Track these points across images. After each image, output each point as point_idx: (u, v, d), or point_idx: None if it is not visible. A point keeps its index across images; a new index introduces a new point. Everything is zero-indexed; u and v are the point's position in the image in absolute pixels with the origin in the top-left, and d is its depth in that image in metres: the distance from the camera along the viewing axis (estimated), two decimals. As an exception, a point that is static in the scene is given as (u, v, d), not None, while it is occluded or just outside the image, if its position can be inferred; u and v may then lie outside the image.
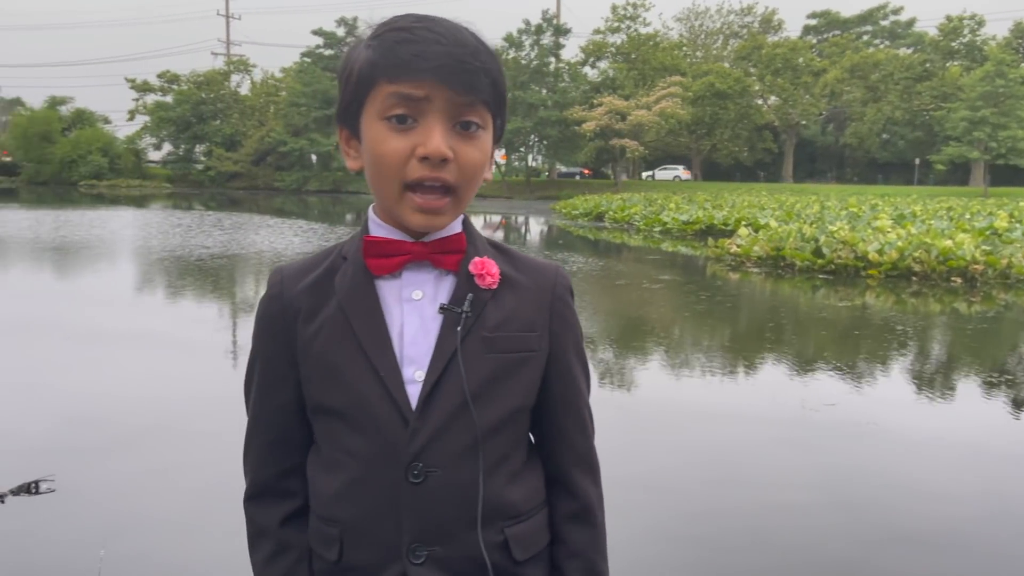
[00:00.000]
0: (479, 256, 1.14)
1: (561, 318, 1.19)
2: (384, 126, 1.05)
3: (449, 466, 1.09)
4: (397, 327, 1.11)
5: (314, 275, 1.16)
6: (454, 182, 1.07)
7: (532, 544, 1.17)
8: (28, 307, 9.73)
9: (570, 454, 1.21)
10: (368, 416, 1.09)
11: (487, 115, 1.09)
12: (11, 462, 4.32)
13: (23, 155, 58.82)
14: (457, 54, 1.03)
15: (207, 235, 19.16)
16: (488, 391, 1.10)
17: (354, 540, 1.11)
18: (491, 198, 47.06)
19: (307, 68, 57.84)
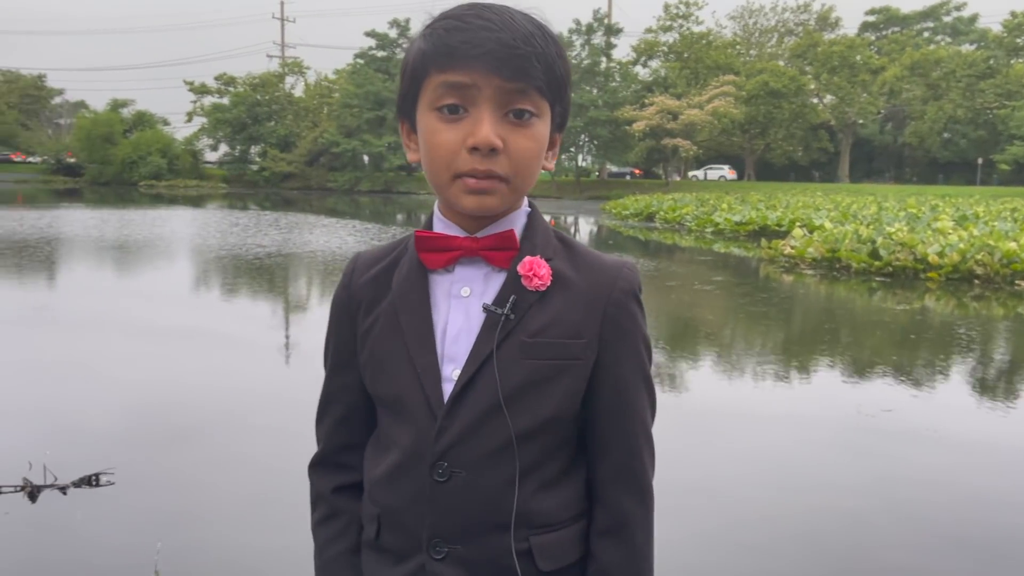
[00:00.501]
0: (534, 254, 1.09)
1: (615, 325, 1.10)
2: (435, 116, 1.05)
3: (474, 469, 1.07)
4: (442, 324, 1.10)
5: (379, 267, 1.18)
6: (505, 173, 1.05)
7: (560, 556, 1.12)
8: (94, 303, 10.02)
9: (610, 468, 1.14)
10: (406, 410, 1.10)
11: (542, 102, 1.06)
12: (73, 455, 4.44)
13: (86, 156, 60.55)
14: (506, 40, 1.01)
15: (264, 234, 19.50)
16: (521, 397, 1.06)
17: (388, 524, 1.14)
18: (541, 198, 47.04)
19: (360, 70, 58.49)
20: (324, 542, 1.23)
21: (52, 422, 5.18)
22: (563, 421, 1.11)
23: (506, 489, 1.07)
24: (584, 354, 1.09)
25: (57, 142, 68.90)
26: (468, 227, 1.11)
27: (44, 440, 4.72)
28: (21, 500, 3.96)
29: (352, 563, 1.21)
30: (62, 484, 4.09)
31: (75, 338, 7.79)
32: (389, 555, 1.15)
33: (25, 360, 6.91)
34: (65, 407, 5.53)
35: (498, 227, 1.11)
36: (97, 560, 3.44)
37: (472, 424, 1.07)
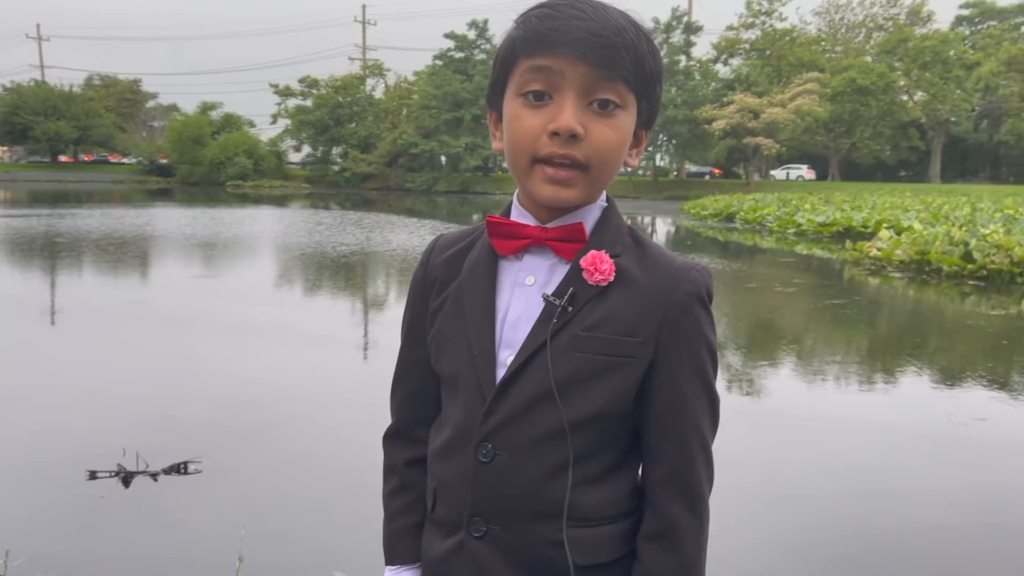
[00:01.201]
0: (600, 249, 1.09)
1: (675, 327, 1.08)
2: (521, 102, 1.06)
3: (516, 453, 1.09)
4: (504, 309, 1.12)
5: (456, 248, 1.21)
6: (584, 159, 1.05)
7: (596, 552, 1.11)
8: (186, 299, 10.40)
9: (658, 471, 1.12)
10: (460, 390, 1.14)
11: (627, 94, 1.06)
12: (164, 443, 4.62)
13: (177, 157, 62.88)
14: (596, 29, 1.02)
15: (348, 233, 19.90)
16: (569, 390, 1.07)
17: (441, 498, 1.18)
18: (618, 197, 45.78)
19: (438, 71, 59.14)
20: (393, 513, 1.28)
21: (145, 411, 5.40)
22: (611, 418, 1.10)
23: (546, 478, 1.08)
24: (638, 353, 1.08)
25: (150, 144, 71.84)
26: (541, 217, 1.12)
27: (137, 428, 4.92)
28: (116, 485, 4.14)
29: (416, 539, 1.25)
30: (153, 471, 4.26)
31: (168, 332, 8.10)
32: (441, 528, 1.19)
33: (121, 352, 7.22)
34: (157, 397, 5.75)
35: (569, 219, 1.11)
36: (184, 545, 3.57)
37: (518, 410, 1.08)
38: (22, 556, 3.14)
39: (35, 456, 4.54)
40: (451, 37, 60.98)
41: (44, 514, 3.82)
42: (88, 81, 79.18)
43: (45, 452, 4.60)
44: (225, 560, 3.24)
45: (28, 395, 5.80)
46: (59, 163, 71.79)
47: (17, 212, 26.14)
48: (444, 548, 1.17)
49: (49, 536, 3.57)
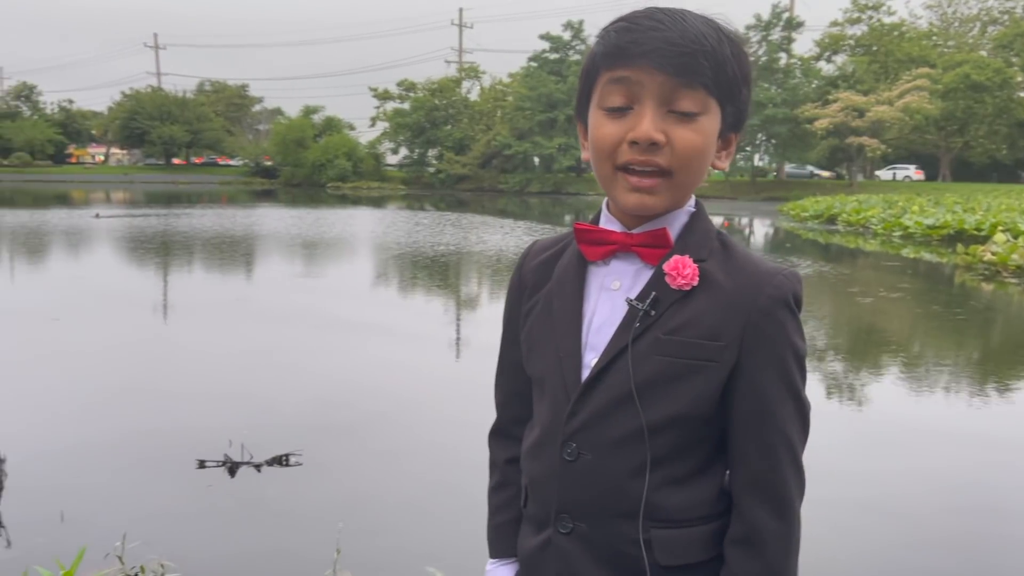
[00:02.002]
0: (684, 254, 1.10)
1: (758, 332, 1.08)
2: (602, 114, 1.09)
3: (599, 453, 1.11)
4: (590, 313, 1.15)
5: (548, 254, 1.25)
6: (667, 165, 1.07)
7: (681, 553, 1.11)
8: (290, 296, 10.78)
9: (744, 477, 1.12)
10: (547, 391, 1.18)
11: (709, 100, 1.07)
12: (267, 436, 4.80)
13: (281, 159, 65.14)
14: (673, 38, 1.04)
15: (447, 233, 20.21)
16: (650, 392, 1.09)
17: (532, 494, 1.22)
18: (714, 198, 45.83)
19: (533, 72, 59.34)
20: (494, 508, 1.34)
21: (250, 405, 5.63)
22: (693, 421, 1.10)
23: (628, 477, 1.10)
24: (720, 357, 1.08)
25: (256, 146, 74.59)
26: (628, 224, 1.15)
27: (242, 421, 5.14)
28: (222, 474, 4.33)
29: (514, 532, 1.29)
30: (257, 462, 4.44)
31: (271, 328, 8.41)
32: (532, 524, 1.22)
33: (228, 347, 7.54)
34: (261, 391, 5.99)
35: (653, 225, 1.13)
36: (284, 534, 3.70)
37: (601, 411, 1.11)
38: (137, 539, 3.32)
39: (149, 445, 4.80)
40: (546, 38, 61.07)
41: (157, 500, 4.03)
42: (200, 87, 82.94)
43: (158, 442, 4.85)
44: (322, 551, 3.35)
45: (143, 387, 6.13)
46: (172, 165, 75.48)
47: (137, 212, 27.62)
48: (535, 543, 1.20)
49: (161, 521, 3.76)
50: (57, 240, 17.70)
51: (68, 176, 64.62)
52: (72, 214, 26.23)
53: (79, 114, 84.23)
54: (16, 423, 4.88)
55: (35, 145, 72.03)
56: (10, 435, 4.39)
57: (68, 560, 2.46)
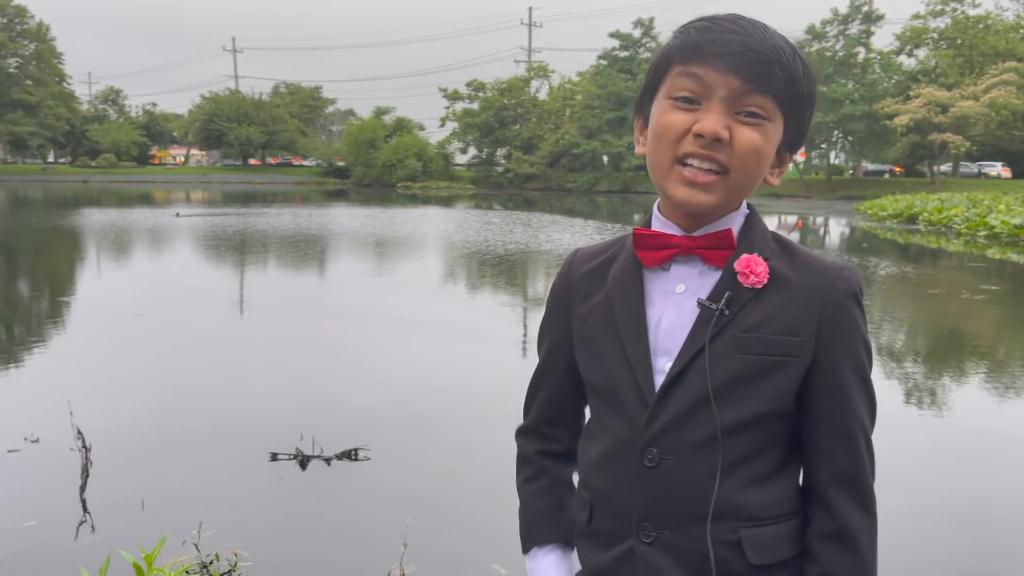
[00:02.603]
0: (750, 254, 1.11)
1: (833, 325, 1.10)
2: (670, 103, 1.09)
3: (682, 457, 1.10)
4: (656, 318, 1.15)
5: (597, 261, 1.24)
6: (727, 162, 1.07)
7: (771, 551, 1.11)
8: (361, 294, 10.98)
9: (828, 470, 1.12)
10: (618, 398, 1.16)
11: (776, 111, 1.08)
12: (337, 430, 4.90)
13: (353, 160, 66.43)
14: (752, 44, 1.05)
15: (519, 232, 20.29)
16: (731, 391, 1.09)
17: (601, 508, 1.19)
18: (788, 197, 44.88)
19: (602, 71, 59.07)
20: (528, 498, 1.32)
21: (320, 399, 5.76)
22: (774, 418, 1.11)
23: (712, 479, 1.09)
24: (799, 352, 1.09)
25: (329, 147, 76.22)
26: (685, 226, 1.14)
27: (313, 415, 5.25)
28: (294, 467, 4.44)
29: (556, 519, 1.28)
30: (327, 456, 4.53)
31: (343, 325, 8.57)
32: (600, 539, 1.19)
33: (300, 343, 7.72)
34: (332, 386, 6.11)
35: (715, 227, 1.13)
36: (353, 526, 3.77)
37: (681, 414, 1.10)
38: (212, 528, 3.43)
39: (225, 437, 4.95)
40: (616, 36, 60.71)
41: (232, 491, 4.15)
42: (275, 89, 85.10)
43: (233, 434, 5.00)
44: (390, 545, 3.40)
45: (220, 381, 6.33)
46: (248, 166, 77.69)
47: (215, 212, 28.50)
48: (609, 558, 1.17)
49: (235, 511, 3.88)
50: (141, 238, 18.39)
51: (151, 176, 67.15)
52: (154, 213, 27.22)
53: (161, 117, 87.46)
54: (101, 413, 5.09)
55: (120, 147, 75.07)
56: (95, 425, 4.58)
57: (149, 546, 2.56)
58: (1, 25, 65.93)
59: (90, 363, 6.80)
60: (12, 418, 5.13)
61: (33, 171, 69.41)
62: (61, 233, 19.73)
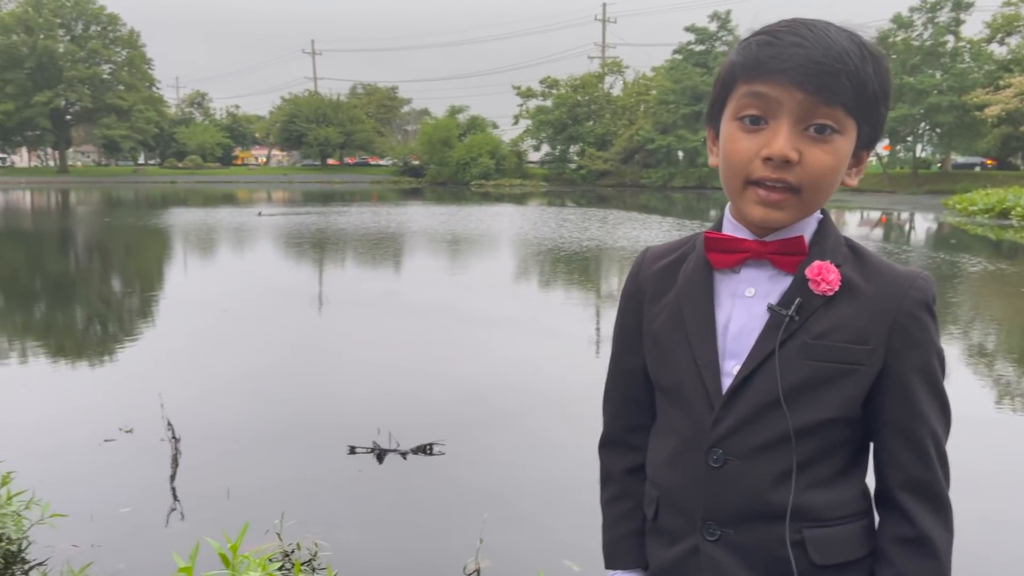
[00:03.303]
0: (823, 260, 1.11)
1: (904, 334, 1.10)
2: (736, 126, 1.09)
3: (746, 458, 1.12)
4: (724, 321, 1.15)
5: (667, 260, 1.25)
6: (796, 183, 1.07)
7: (836, 552, 1.12)
8: (439, 291, 11.12)
9: (900, 477, 1.13)
10: (685, 398, 1.18)
11: (846, 119, 1.06)
12: (413, 425, 4.98)
13: (427, 158, 67.29)
14: (815, 56, 1.03)
15: (597, 230, 20.23)
16: (798, 396, 1.09)
17: (666, 505, 1.22)
18: (870, 192, 43.49)
19: (678, 65, 58.30)
20: (612, 521, 1.34)
21: (396, 394, 5.86)
22: (841, 424, 1.12)
23: (776, 480, 1.11)
24: (868, 360, 1.09)
25: (404, 146, 77.35)
26: (757, 231, 1.15)
27: (389, 409, 5.36)
28: (371, 460, 4.54)
29: (638, 544, 1.30)
30: (403, 450, 4.62)
31: (419, 321, 8.70)
32: (665, 536, 1.22)
33: (377, 339, 7.87)
34: (407, 382, 6.22)
35: (788, 232, 1.13)
36: (428, 520, 3.84)
37: (748, 416, 1.12)
38: (293, 518, 3.54)
39: (305, 430, 5.09)
40: (691, 30, 59.83)
41: (312, 482, 4.27)
42: (352, 90, 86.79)
43: (313, 427, 5.14)
44: (464, 539, 3.45)
45: (300, 375, 6.51)
46: (327, 166, 79.48)
47: (296, 211, 29.24)
48: (673, 555, 1.20)
49: (316, 502, 3.99)
50: (225, 237, 19.02)
51: (234, 177, 69.27)
52: (238, 213, 28.10)
53: (244, 118, 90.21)
54: (188, 406, 5.30)
55: (206, 148, 77.78)
56: (183, 416, 4.77)
57: (234, 534, 2.66)
58: (95, 33, 68.97)
59: (178, 357, 7.08)
60: (108, 409, 5.38)
61: (125, 173, 72.48)
62: (151, 232, 20.56)
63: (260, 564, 2.61)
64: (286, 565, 3.20)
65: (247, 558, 2.62)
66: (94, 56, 67.81)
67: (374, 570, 3.36)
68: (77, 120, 72.74)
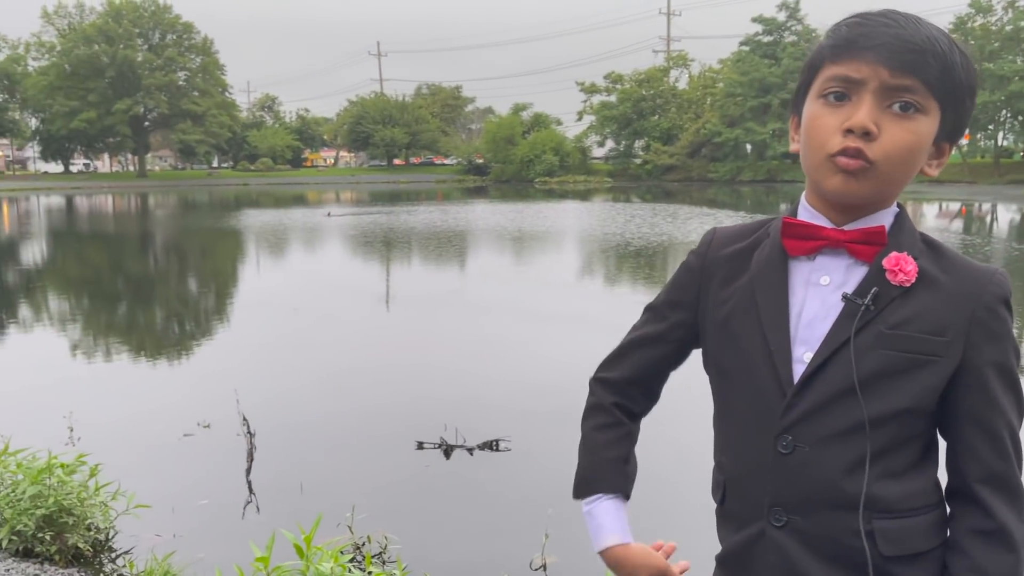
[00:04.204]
0: (900, 252, 1.11)
1: (983, 328, 1.10)
2: (821, 103, 1.10)
3: (817, 446, 1.12)
4: (798, 308, 1.15)
5: (740, 245, 1.25)
6: (873, 158, 1.06)
7: (905, 543, 1.12)
8: (503, 288, 11.19)
9: (977, 470, 1.13)
10: (753, 383, 1.17)
11: (930, 101, 1.07)
12: (479, 421, 5.04)
13: (491, 156, 67.56)
14: (904, 35, 1.04)
15: (667, 225, 20.08)
16: (872, 386, 1.09)
17: (733, 489, 1.22)
18: (949, 183, 41.98)
19: (745, 57, 57.22)
20: (599, 445, 1.34)
21: (463, 391, 5.94)
22: (915, 415, 1.12)
23: (847, 470, 1.11)
24: (945, 352, 1.09)
25: (468, 145, 77.81)
26: (834, 218, 1.14)
27: (456, 406, 5.43)
28: (438, 456, 4.61)
29: (624, 471, 1.31)
30: (469, 446, 4.68)
31: (486, 319, 8.78)
32: (733, 521, 1.23)
33: (445, 336, 7.97)
34: (473, 378, 6.29)
35: (867, 222, 1.13)
36: (494, 515, 3.88)
37: (820, 404, 1.11)
38: (364, 512, 3.62)
39: (375, 426, 5.20)
40: (759, 21, 58.65)
41: (381, 476, 4.36)
42: (417, 90, 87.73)
43: (382, 423, 5.24)
44: (531, 534, 3.48)
45: (369, 372, 6.64)
46: (393, 166, 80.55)
47: (364, 211, 29.74)
48: (740, 539, 1.21)
49: (385, 496, 4.08)
50: (296, 237, 19.47)
51: (303, 178, 70.79)
52: (308, 213, 28.73)
53: (313, 121, 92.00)
54: (262, 401, 5.46)
55: (276, 151, 79.64)
56: (258, 412, 4.92)
57: (307, 526, 2.74)
58: (171, 41, 71.27)
59: (253, 355, 7.29)
60: (187, 405, 5.59)
61: (199, 176, 74.78)
62: (225, 234, 21.18)
63: (333, 556, 2.69)
64: (357, 557, 3.28)
65: (320, 550, 2.69)
66: (170, 64, 70.07)
67: (442, 563, 3.42)
68: (154, 126, 75.29)
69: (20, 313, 10.14)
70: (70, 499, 3.21)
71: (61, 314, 9.99)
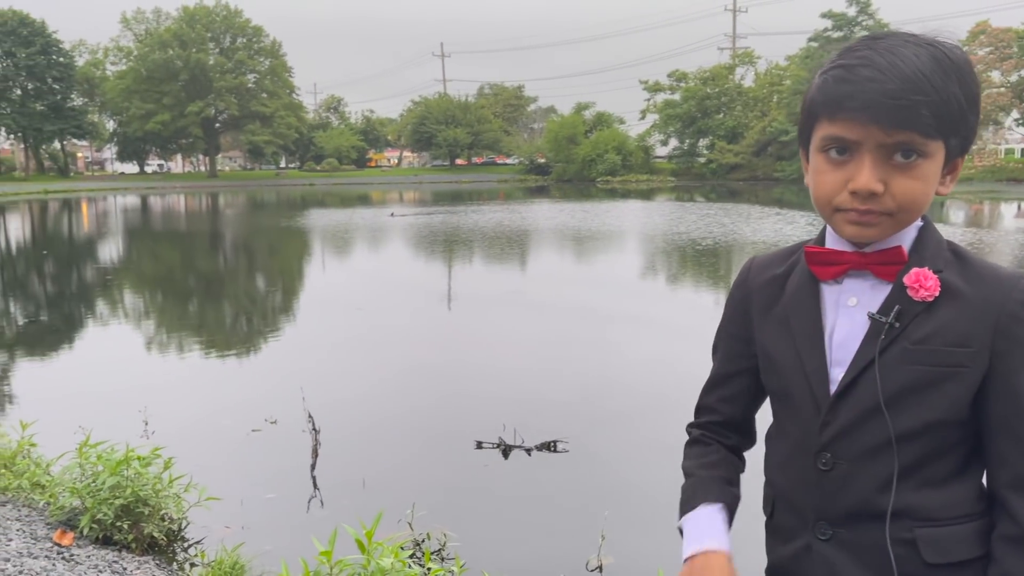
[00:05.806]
0: (922, 267, 1.13)
1: (1008, 336, 1.11)
2: (822, 158, 1.13)
3: (854, 461, 1.16)
4: (830, 329, 1.19)
5: (775, 272, 1.29)
6: (884, 210, 1.10)
7: (947, 551, 1.14)
8: (564, 289, 11.22)
9: (1007, 476, 1.14)
10: (795, 404, 1.22)
11: (930, 143, 1.08)
12: (537, 422, 5.08)
13: (553, 156, 67.55)
14: (892, 91, 1.04)
15: (740, 226, 19.86)
16: (902, 401, 1.12)
17: (781, 505, 1.27)
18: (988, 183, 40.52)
19: (813, 53, 55.99)
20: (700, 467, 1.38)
21: (521, 391, 5.99)
22: (948, 426, 1.14)
23: (885, 482, 1.14)
24: (972, 362, 1.11)
25: (530, 145, 77.87)
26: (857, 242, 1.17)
27: (515, 406, 5.48)
28: (496, 455, 4.67)
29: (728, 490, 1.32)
30: (528, 446, 4.73)
31: (547, 319, 8.82)
32: (781, 535, 1.28)
33: (506, 337, 8.04)
34: (532, 379, 6.33)
35: (886, 243, 1.16)
36: (552, 515, 3.92)
37: (853, 422, 1.15)
38: (423, 509, 3.70)
39: (435, 424, 5.29)
40: (828, 16, 57.34)
41: (441, 474, 4.44)
42: (480, 91, 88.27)
43: (442, 421, 5.33)
44: (587, 535, 3.51)
45: (430, 371, 6.74)
46: (455, 166, 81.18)
47: (427, 211, 30.08)
48: (788, 552, 1.25)
49: (444, 493, 4.16)
50: (360, 237, 19.81)
51: (368, 179, 71.87)
52: (373, 213, 29.17)
53: (377, 122, 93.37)
54: (327, 399, 5.60)
55: (342, 151, 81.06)
56: (322, 409, 5.06)
57: (369, 522, 2.82)
58: (242, 44, 73.15)
59: (318, 353, 7.47)
60: (255, 401, 5.77)
61: (268, 176, 76.56)
62: (292, 233, 21.67)
63: (393, 551, 2.76)
64: (416, 553, 3.36)
65: (381, 545, 2.77)
66: (240, 67, 71.93)
67: (500, 561, 3.47)
68: (225, 127, 77.38)
69: (98, 310, 10.57)
70: (146, 490, 3.36)
71: (136, 311, 10.39)
